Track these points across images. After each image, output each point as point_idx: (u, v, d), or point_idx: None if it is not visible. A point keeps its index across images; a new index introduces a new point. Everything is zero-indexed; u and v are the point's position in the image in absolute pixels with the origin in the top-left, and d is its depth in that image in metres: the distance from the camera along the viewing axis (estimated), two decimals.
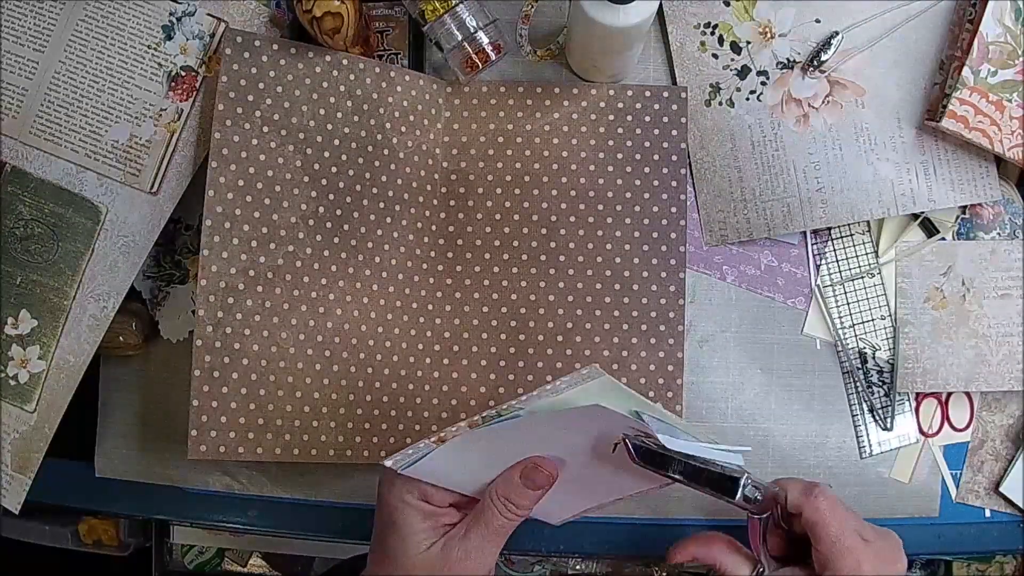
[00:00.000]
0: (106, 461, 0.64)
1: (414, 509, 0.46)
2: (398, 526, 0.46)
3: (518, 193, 0.62)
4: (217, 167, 0.56)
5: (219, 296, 0.55)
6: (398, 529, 0.46)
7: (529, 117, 0.63)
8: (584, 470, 0.49)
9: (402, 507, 0.47)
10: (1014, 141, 0.59)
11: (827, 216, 0.61)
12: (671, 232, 0.62)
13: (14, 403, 0.58)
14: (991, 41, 0.58)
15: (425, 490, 0.47)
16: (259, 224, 0.56)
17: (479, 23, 0.58)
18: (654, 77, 0.64)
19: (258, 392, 0.55)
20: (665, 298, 0.61)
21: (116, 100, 0.58)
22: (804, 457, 0.63)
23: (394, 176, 0.60)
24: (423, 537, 0.46)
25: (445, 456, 0.45)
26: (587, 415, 0.43)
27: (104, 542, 0.78)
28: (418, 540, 0.46)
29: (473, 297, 0.62)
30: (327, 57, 0.58)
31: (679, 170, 0.62)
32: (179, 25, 0.58)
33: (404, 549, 0.46)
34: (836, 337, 0.63)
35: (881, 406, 0.63)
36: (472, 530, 0.46)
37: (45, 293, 0.58)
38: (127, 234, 0.58)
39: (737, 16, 0.62)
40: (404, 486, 0.47)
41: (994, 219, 0.63)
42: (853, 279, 0.63)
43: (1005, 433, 0.63)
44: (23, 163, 0.58)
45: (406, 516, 0.46)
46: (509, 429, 0.44)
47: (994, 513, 0.63)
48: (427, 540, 0.46)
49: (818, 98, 0.62)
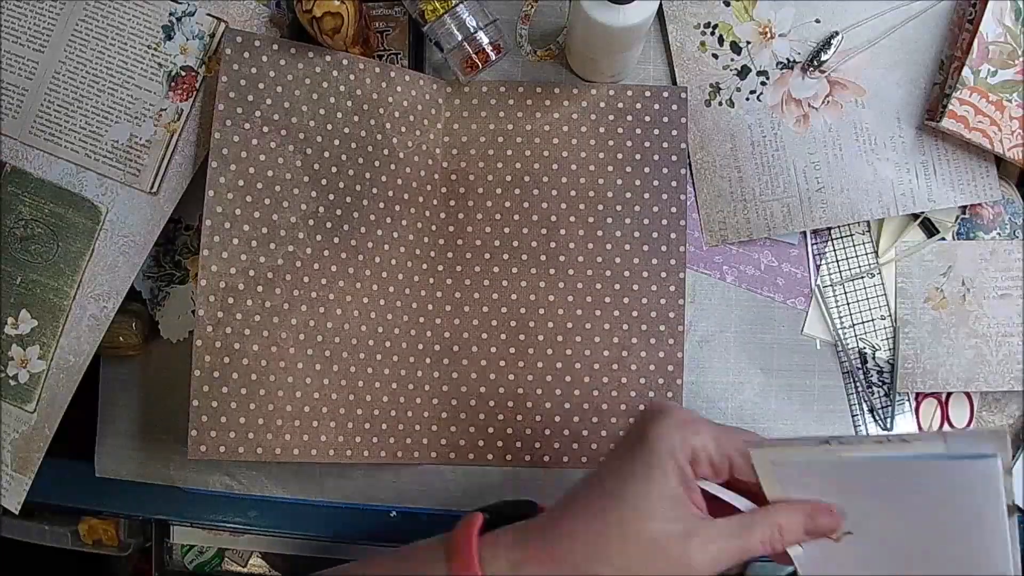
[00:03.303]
0: (106, 461, 0.64)
1: (679, 470, 0.39)
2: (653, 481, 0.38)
3: (518, 193, 0.62)
4: (217, 167, 0.56)
5: (219, 296, 0.55)
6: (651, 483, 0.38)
7: (529, 117, 0.63)
8: None
9: (668, 461, 0.38)
10: (1014, 141, 0.59)
11: (827, 216, 0.61)
12: (671, 232, 0.62)
13: (14, 403, 0.58)
14: (991, 41, 0.58)
15: (697, 454, 0.39)
16: (259, 224, 0.56)
17: (479, 23, 0.58)
18: (654, 77, 0.64)
19: (258, 392, 0.55)
20: (665, 298, 0.61)
21: (116, 100, 0.58)
22: None
23: (394, 176, 0.60)
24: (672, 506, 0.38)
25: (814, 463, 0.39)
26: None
27: (104, 542, 0.77)
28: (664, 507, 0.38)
29: (473, 297, 0.62)
30: (327, 57, 0.58)
31: (679, 170, 0.62)
32: (179, 25, 0.58)
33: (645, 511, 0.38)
34: (836, 337, 0.63)
35: (881, 406, 0.63)
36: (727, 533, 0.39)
37: (45, 293, 0.58)
38: (127, 234, 0.58)
39: (737, 16, 0.62)
40: (679, 439, 0.39)
41: (994, 219, 0.63)
42: (853, 279, 0.63)
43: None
44: (23, 163, 0.58)
45: (666, 474, 0.38)
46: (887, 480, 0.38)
47: None
48: (673, 512, 0.38)
49: (818, 98, 0.62)
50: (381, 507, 0.64)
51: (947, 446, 0.36)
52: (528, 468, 0.61)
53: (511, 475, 0.62)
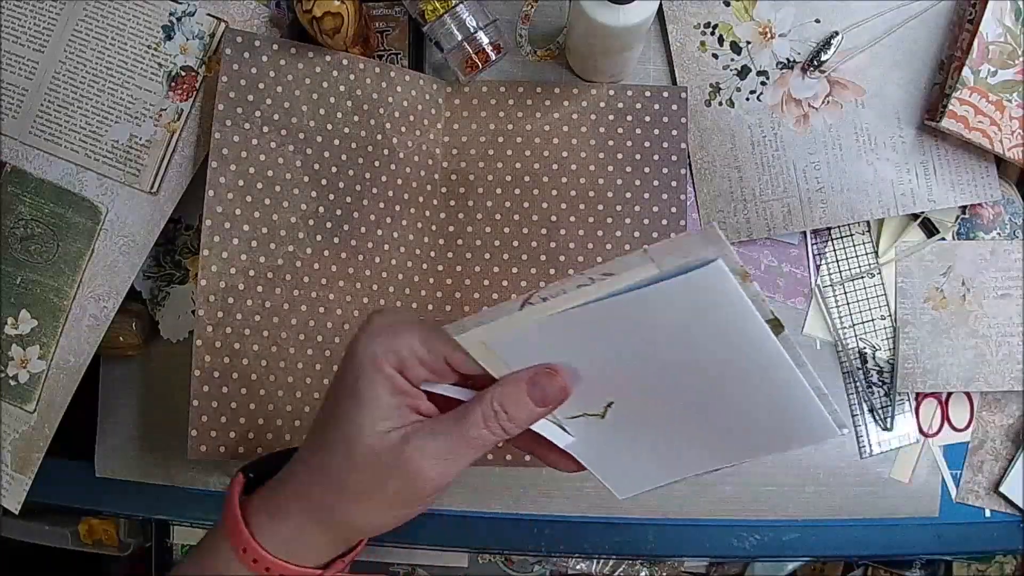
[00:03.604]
0: (106, 461, 0.64)
1: (386, 378, 0.37)
2: (360, 394, 0.37)
3: (518, 193, 0.62)
4: (217, 167, 0.56)
5: (219, 296, 0.55)
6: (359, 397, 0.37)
7: (529, 117, 0.63)
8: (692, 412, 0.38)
9: (372, 372, 0.37)
10: (1014, 141, 0.59)
11: (827, 216, 0.61)
12: (671, 232, 0.62)
13: (14, 403, 0.58)
14: (991, 41, 0.58)
15: (405, 360, 0.37)
16: (259, 224, 0.56)
17: (479, 23, 0.58)
18: (654, 77, 0.64)
19: (258, 392, 0.55)
20: None
21: (116, 100, 0.58)
22: (804, 457, 0.63)
23: (394, 176, 0.60)
24: (386, 415, 0.37)
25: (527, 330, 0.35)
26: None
27: (104, 542, 0.78)
28: (377, 417, 0.37)
29: (473, 297, 0.62)
30: (327, 57, 0.58)
31: (679, 170, 0.62)
32: (179, 25, 0.58)
33: (359, 425, 0.37)
34: (836, 337, 0.63)
35: (881, 406, 0.63)
36: (443, 429, 0.37)
37: (45, 293, 0.58)
38: (127, 234, 0.58)
39: (737, 16, 0.62)
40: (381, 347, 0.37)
41: (994, 219, 0.63)
42: (853, 279, 0.63)
43: (1005, 433, 0.63)
44: (23, 163, 0.58)
45: (374, 386, 0.37)
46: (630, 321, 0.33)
47: (994, 513, 0.63)
48: (388, 422, 0.37)
49: (818, 98, 0.62)
50: None
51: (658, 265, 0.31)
52: (528, 468, 0.61)
53: (511, 475, 0.62)
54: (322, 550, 0.40)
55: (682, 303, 0.32)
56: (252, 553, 0.38)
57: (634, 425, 0.39)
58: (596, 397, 0.38)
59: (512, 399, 0.37)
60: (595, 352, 0.36)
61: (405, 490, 0.37)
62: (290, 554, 0.39)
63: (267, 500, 0.40)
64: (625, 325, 0.34)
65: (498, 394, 0.37)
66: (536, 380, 0.37)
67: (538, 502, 0.63)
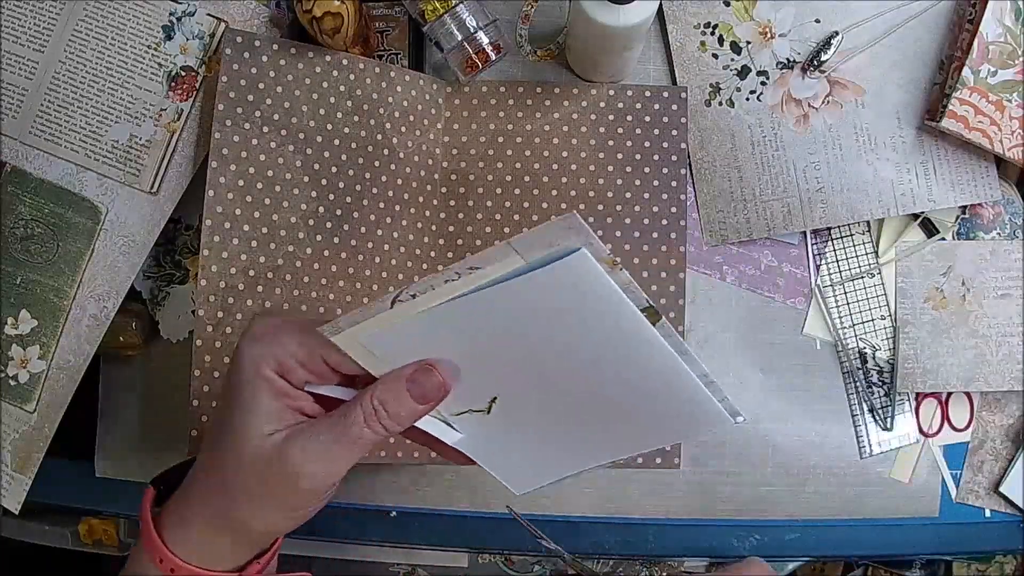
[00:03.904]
0: (106, 461, 0.64)
1: (266, 383, 0.38)
2: (243, 400, 0.38)
3: (518, 193, 0.62)
4: (217, 167, 0.56)
5: (219, 296, 0.55)
6: (243, 403, 0.38)
7: (529, 117, 0.63)
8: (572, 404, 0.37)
9: (253, 377, 0.38)
10: (1014, 141, 0.59)
11: (827, 216, 0.61)
12: (671, 232, 0.62)
13: (14, 403, 0.58)
14: (991, 41, 0.58)
15: (285, 363, 0.38)
16: (259, 224, 0.56)
17: (479, 23, 0.58)
18: (654, 77, 0.64)
19: None
20: (665, 298, 0.61)
21: (116, 100, 0.58)
22: (804, 457, 0.63)
23: (394, 176, 0.60)
24: (268, 419, 0.38)
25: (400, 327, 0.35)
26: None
27: (104, 542, 0.77)
28: (261, 421, 0.37)
29: None
30: (327, 57, 0.58)
31: (679, 170, 0.62)
32: (179, 25, 0.58)
33: (244, 429, 0.37)
34: (836, 337, 0.63)
35: (881, 406, 0.63)
36: (324, 428, 0.38)
37: (45, 293, 0.58)
38: (127, 234, 0.58)
39: (737, 16, 0.62)
40: (261, 352, 0.38)
41: (994, 219, 0.63)
42: (853, 279, 0.63)
43: (1005, 433, 0.63)
44: (23, 163, 0.58)
45: (255, 389, 0.38)
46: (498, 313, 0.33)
47: (994, 513, 0.63)
48: (271, 424, 0.38)
49: (818, 98, 0.62)
50: (381, 507, 0.64)
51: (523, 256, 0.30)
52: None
53: None
54: (233, 554, 0.41)
55: (550, 294, 0.32)
56: (168, 562, 0.39)
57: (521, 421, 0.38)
58: (479, 393, 0.38)
59: (392, 396, 0.37)
60: (471, 347, 0.36)
61: (292, 490, 0.38)
62: (202, 560, 0.39)
63: (175, 509, 0.41)
64: (496, 319, 0.34)
65: (378, 392, 0.37)
66: (415, 377, 0.37)
67: (538, 502, 0.63)
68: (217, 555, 0.40)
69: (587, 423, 0.38)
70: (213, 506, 0.39)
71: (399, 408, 0.37)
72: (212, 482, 0.40)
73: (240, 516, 0.39)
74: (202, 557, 0.39)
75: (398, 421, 0.38)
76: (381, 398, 0.37)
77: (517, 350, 0.35)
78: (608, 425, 0.38)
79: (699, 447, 0.62)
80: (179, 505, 0.41)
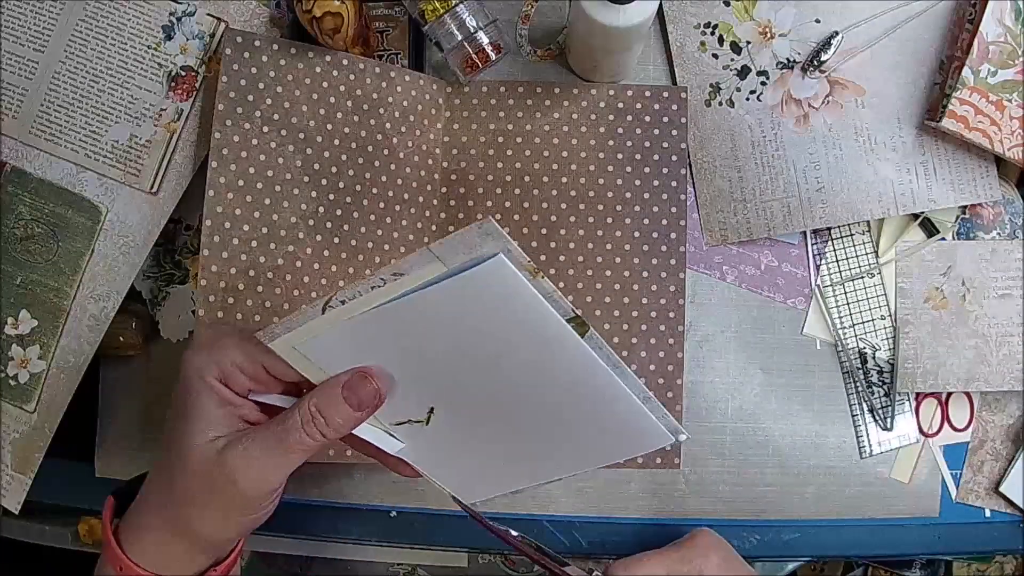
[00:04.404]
0: (106, 461, 0.64)
1: (210, 391, 0.39)
2: (187, 408, 0.39)
3: (518, 193, 0.62)
4: (217, 167, 0.56)
5: (219, 296, 0.55)
6: (187, 411, 0.39)
7: (529, 117, 0.63)
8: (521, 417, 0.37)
9: (198, 386, 0.39)
10: (1014, 141, 0.59)
11: (827, 216, 0.61)
12: (671, 232, 0.62)
13: (14, 403, 0.58)
14: (991, 41, 0.58)
15: (227, 371, 0.39)
16: (259, 224, 0.56)
17: (479, 23, 0.58)
18: (654, 77, 0.64)
19: None
20: (665, 298, 0.61)
21: (116, 100, 0.58)
22: (804, 457, 0.63)
23: (394, 176, 0.60)
24: (211, 426, 0.39)
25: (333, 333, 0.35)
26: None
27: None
28: (203, 428, 0.38)
29: None
30: (327, 57, 0.58)
31: (679, 170, 0.62)
32: (179, 25, 0.58)
33: (189, 437, 0.38)
34: (836, 337, 0.63)
35: (881, 406, 0.63)
36: (263, 435, 0.38)
37: (45, 293, 0.58)
38: (127, 234, 0.58)
39: (737, 16, 0.62)
40: (204, 360, 0.39)
41: (994, 219, 0.63)
42: (853, 279, 0.63)
43: (1005, 433, 0.63)
44: (23, 163, 0.58)
45: (199, 398, 0.39)
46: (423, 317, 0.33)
47: (994, 513, 0.63)
48: (214, 431, 0.39)
49: (818, 98, 0.62)
50: (381, 507, 0.64)
51: (444, 263, 0.30)
52: None
53: None
54: (189, 560, 0.41)
55: (472, 301, 0.32)
56: (127, 569, 0.40)
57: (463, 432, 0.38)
58: (417, 403, 0.38)
59: (328, 403, 0.38)
60: (403, 355, 0.36)
61: (234, 496, 0.39)
62: (159, 567, 0.40)
63: (133, 518, 0.42)
64: (423, 326, 0.34)
65: (315, 399, 0.38)
66: (350, 384, 0.38)
67: (538, 501, 0.63)
68: (173, 562, 0.41)
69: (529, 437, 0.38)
70: (165, 513, 0.40)
71: (336, 415, 0.38)
72: (163, 490, 0.41)
73: (189, 522, 0.40)
74: (159, 564, 0.40)
75: (335, 428, 0.38)
76: (318, 405, 0.38)
77: (449, 359, 0.35)
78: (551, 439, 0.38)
79: (699, 447, 0.62)
80: (136, 514, 0.42)
